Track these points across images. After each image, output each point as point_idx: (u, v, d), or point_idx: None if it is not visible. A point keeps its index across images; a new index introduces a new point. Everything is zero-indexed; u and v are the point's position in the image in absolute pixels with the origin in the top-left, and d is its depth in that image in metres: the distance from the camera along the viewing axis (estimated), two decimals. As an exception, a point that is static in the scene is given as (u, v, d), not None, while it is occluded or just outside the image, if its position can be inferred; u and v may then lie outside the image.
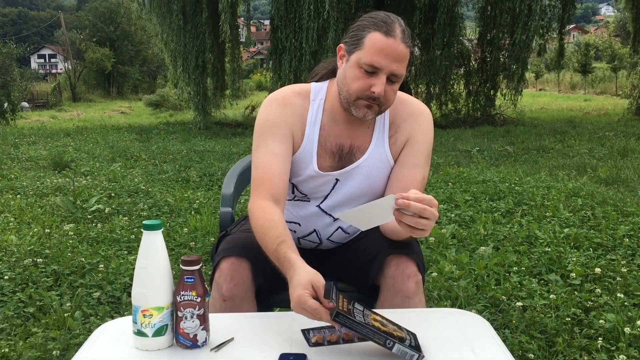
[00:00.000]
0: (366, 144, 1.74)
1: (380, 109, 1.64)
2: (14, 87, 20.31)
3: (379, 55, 1.56)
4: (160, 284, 1.28)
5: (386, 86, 1.59)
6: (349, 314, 1.22)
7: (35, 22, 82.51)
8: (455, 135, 11.23)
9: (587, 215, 4.60)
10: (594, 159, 7.83)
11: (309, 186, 1.77)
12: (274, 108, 1.73)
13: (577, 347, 2.45)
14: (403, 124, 1.75)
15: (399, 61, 1.57)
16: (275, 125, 1.71)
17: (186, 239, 4.18)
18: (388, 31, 1.56)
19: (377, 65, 1.56)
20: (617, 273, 3.27)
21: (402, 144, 1.75)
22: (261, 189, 1.65)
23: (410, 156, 1.73)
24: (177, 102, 23.59)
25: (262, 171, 1.67)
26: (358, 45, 1.59)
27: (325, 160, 1.73)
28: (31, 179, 6.92)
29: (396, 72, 1.57)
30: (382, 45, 1.55)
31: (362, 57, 1.58)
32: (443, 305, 2.92)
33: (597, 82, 32.26)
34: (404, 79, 1.65)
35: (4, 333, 2.68)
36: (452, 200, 5.25)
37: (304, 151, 1.72)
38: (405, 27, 1.60)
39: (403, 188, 1.65)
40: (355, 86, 1.61)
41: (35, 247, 3.87)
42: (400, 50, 1.56)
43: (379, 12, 1.62)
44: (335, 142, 1.73)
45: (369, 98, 1.60)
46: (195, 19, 13.87)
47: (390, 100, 1.64)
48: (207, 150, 9.63)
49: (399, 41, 1.56)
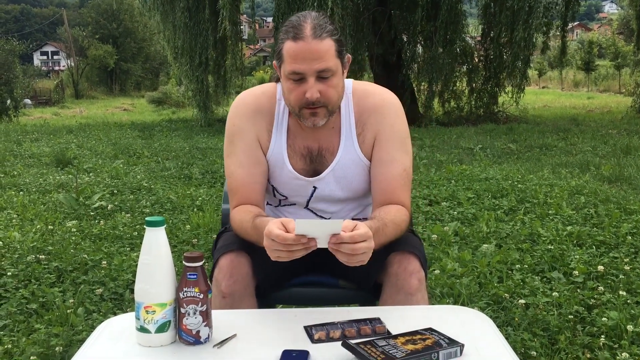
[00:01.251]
0: (335, 145, 1.73)
1: (329, 109, 1.62)
2: (16, 84, 20.33)
3: (295, 62, 1.55)
4: (163, 281, 1.28)
5: (320, 85, 1.57)
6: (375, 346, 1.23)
7: (37, 19, 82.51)
8: (457, 133, 11.21)
9: (590, 213, 4.59)
10: (597, 157, 7.81)
11: (287, 187, 1.77)
12: (241, 111, 1.75)
13: (579, 345, 2.45)
14: (368, 119, 1.72)
15: (317, 59, 1.54)
16: (243, 130, 1.73)
17: (188, 235, 4.18)
18: (296, 35, 1.54)
19: (298, 71, 1.56)
20: (620, 271, 3.27)
21: (371, 141, 1.72)
22: (235, 197, 1.72)
23: (382, 152, 1.71)
24: (179, 99, 23.59)
25: (235, 182, 1.72)
26: (280, 59, 1.60)
27: (297, 162, 1.74)
28: (34, 175, 6.93)
29: (320, 68, 1.55)
30: (294, 51, 1.54)
31: (286, 69, 1.58)
32: (445, 302, 2.92)
33: (601, 79, 32.16)
34: (406, 76, 1.66)
35: (7, 329, 2.68)
36: (454, 197, 5.24)
37: (275, 152, 1.73)
38: (320, 19, 1.57)
39: (384, 187, 1.68)
40: (292, 98, 1.61)
41: (38, 243, 3.88)
42: (313, 48, 1.53)
43: (293, 17, 1.60)
44: (303, 144, 1.73)
45: (308, 105, 1.59)
46: (197, 15, 13.85)
47: (332, 98, 1.61)
48: (209, 148, 9.63)
49: (310, 40, 1.53)
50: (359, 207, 1.84)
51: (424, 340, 1.25)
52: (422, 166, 7.15)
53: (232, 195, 1.74)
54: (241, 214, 1.67)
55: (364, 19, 13.12)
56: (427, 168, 7.01)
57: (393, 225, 1.58)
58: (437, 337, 1.27)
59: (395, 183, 1.68)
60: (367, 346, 1.22)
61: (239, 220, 1.67)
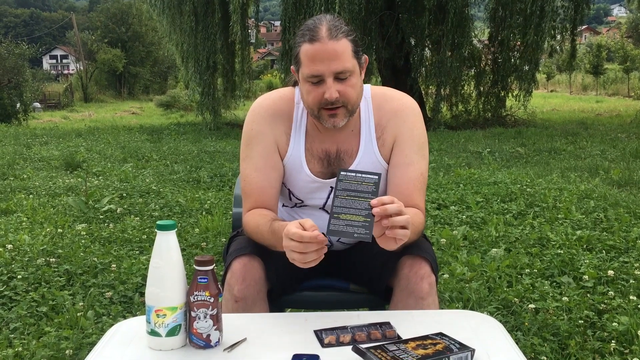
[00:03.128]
0: (354, 147, 1.73)
1: (348, 110, 1.63)
2: (26, 88, 20.48)
3: (313, 64, 1.56)
4: (174, 284, 1.28)
5: (338, 85, 1.58)
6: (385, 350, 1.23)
7: (47, 23, 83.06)
8: (466, 137, 11.19)
9: (599, 218, 4.57)
10: (606, 161, 7.77)
11: (303, 191, 1.77)
12: (259, 115, 1.75)
13: (590, 350, 2.44)
14: (388, 123, 1.73)
15: (334, 59, 1.55)
16: (260, 134, 1.73)
17: (197, 239, 4.19)
18: (313, 37, 1.55)
19: (317, 73, 1.56)
20: (630, 276, 3.25)
21: (390, 144, 1.73)
22: (250, 201, 1.72)
23: (400, 156, 1.72)
24: (187, 102, 23.67)
25: (249, 185, 1.73)
26: (298, 63, 1.61)
27: (315, 165, 1.74)
28: (43, 179, 6.96)
29: (338, 69, 1.56)
30: (312, 53, 1.56)
31: (304, 72, 1.59)
32: (455, 307, 2.91)
33: (609, 83, 32.05)
34: (415, 80, 1.66)
35: (17, 332, 2.70)
36: (463, 201, 5.23)
37: (293, 156, 1.73)
38: (335, 21, 1.59)
39: (402, 190, 1.68)
40: (310, 100, 1.62)
41: (48, 246, 3.89)
42: (330, 48, 1.55)
43: (309, 20, 1.62)
44: (321, 147, 1.73)
45: (327, 106, 1.60)
46: (206, 20, 13.92)
47: (352, 97, 1.61)
48: (217, 151, 9.65)
49: (326, 41, 1.55)
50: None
51: (434, 345, 1.25)
52: (431, 170, 7.13)
53: (246, 199, 1.74)
54: (256, 217, 1.67)
55: (372, 23, 13.13)
56: (436, 172, 7.00)
57: (412, 228, 1.58)
58: (448, 342, 1.26)
59: (412, 186, 1.69)
60: (377, 351, 1.22)
61: (255, 223, 1.66)
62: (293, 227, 1.38)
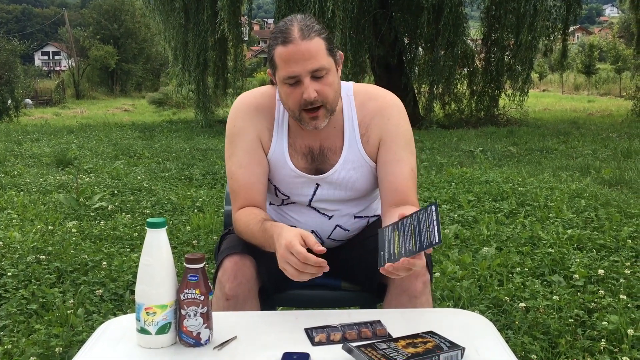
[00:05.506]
0: (337, 144, 1.73)
1: (328, 109, 1.63)
2: (17, 84, 20.37)
3: (289, 66, 1.56)
4: (164, 282, 1.28)
5: (316, 84, 1.58)
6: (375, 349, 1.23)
7: (39, 19, 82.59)
8: (458, 136, 11.21)
9: (590, 217, 4.59)
10: (598, 160, 7.81)
11: (289, 187, 1.77)
12: (241, 111, 1.75)
13: (580, 349, 2.45)
14: (372, 121, 1.73)
15: (308, 59, 1.55)
16: (243, 130, 1.73)
17: (189, 237, 4.18)
18: (285, 39, 1.55)
19: (293, 74, 1.56)
20: (621, 275, 3.26)
21: (375, 142, 1.73)
22: (238, 198, 1.72)
23: (389, 153, 1.72)
24: (180, 100, 23.61)
25: (236, 183, 1.73)
26: (274, 66, 1.61)
27: (299, 161, 1.74)
28: (34, 176, 6.93)
29: (314, 67, 1.56)
30: (286, 55, 1.55)
31: (280, 74, 1.59)
32: (446, 305, 2.92)
33: (601, 83, 32.19)
34: (406, 76, 1.66)
35: (6, 330, 2.68)
36: (455, 200, 5.24)
37: (276, 152, 1.73)
38: (307, 20, 1.59)
39: (395, 187, 1.69)
40: (290, 102, 1.62)
41: (39, 244, 3.87)
42: (304, 48, 1.54)
43: (280, 22, 1.61)
44: (304, 143, 1.73)
45: (307, 107, 1.60)
46: (197, 17, 13.88)
47: (330, 96, 1.61)
48: (210, 149, 9.63)
49: (299, 41, 1.54)
50: (361, 204, 1.84)
51: (424, 344, 1.25)
52: (423, 168, 7.14)
53: (234, 197, 1.74)
54: (246, 216, 1.67)
55: (365, 21, 13.13)
56: (428, 170, 7.01)
57: None
58: (438, 341, 1.26)
59: (405, 183, 1.69)
60: (367, 349, 1.22)
61: (245, 222, 1.66)
62: (297, 244, 1.38)
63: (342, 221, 1.82)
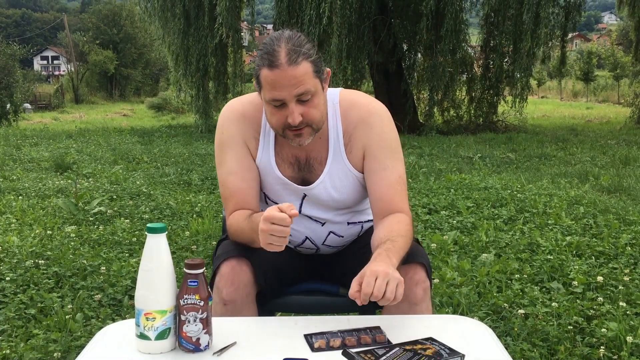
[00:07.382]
0: (323, 155, 1.73)
1: (313, 128, 1.62)
2: (16, 89, 20.37)
3: (274, 90, 1.54)
4: (164, 287, 1.28)
5: (301, 108, 1.56)
6: None
7: (38, 23, 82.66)
8: (457, 142, 11.22)
9: (589, 224, 4.59)
10: (596, 167, 7.82)
11: (277, 194, 1.78)
12: (229, 119, 1.76)
13: (579, 356, 2.44)
14: (355, 131, 1.71)
15: (295, 84, 1.53)
16: (231, 138, 1.73)
17: (188, 242, 4.17)
18: (271, 63, 1.52)
19: (278, 98, 1.55)
20: (619, 282, 3.26)
21: (359, 152, 1.72)
22: (230, 204, 1.73)
23: (374, 162, 1.71)
24: (179, 105, 23.62)
25: (228, 190, 1.74)
26: (260, 85, 1.59)
27: (286, 169, 1.74)
28: (33, 180, 6.92)
29: (299, 92, 1.54)
30: (272, 79, 1.53)
31: (265, 95, 1.58)
32: (445, 312, 2.91)
33: (599, 90, 32.24)
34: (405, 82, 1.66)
35: (5, 334, 2.67)
36: (454, 206, 5.24)
37: (263, 160, 1.74)
38: (295, 39, 1.55)
39: (382, 197, 1.68)
40: (274, 121, 1.62)
41: (37, 248, 3.87)
42: (289, 75, 1.52)
43: (267, 39, 1.58)
44: (291, 152, 1.73)
45: (290, 128, 1.59)
46: (197, 22, 13.90)
47: (315, 117, 1.60)
48: (209, 154, 9.62)
49: (285, 67, 1.51)
50: (351, 212, 1.84)
51: (424, 350, 1.25)
52: (422, 175, 7.15)
53: (226, 204, 1.75)
54: (237, 217, 1.68)
55: (364, 27, 13.15)
56: (427, 176, 7.01)
57: (402, 239, 1.57)
58: (438, 347, 1.26)
59: (392, 191, 1.69)
60: (367, 355, 1.22)
61: (236, 222, 1.67)
62: (275, 212, 1.42)
63: (335, 228, 1.82)
